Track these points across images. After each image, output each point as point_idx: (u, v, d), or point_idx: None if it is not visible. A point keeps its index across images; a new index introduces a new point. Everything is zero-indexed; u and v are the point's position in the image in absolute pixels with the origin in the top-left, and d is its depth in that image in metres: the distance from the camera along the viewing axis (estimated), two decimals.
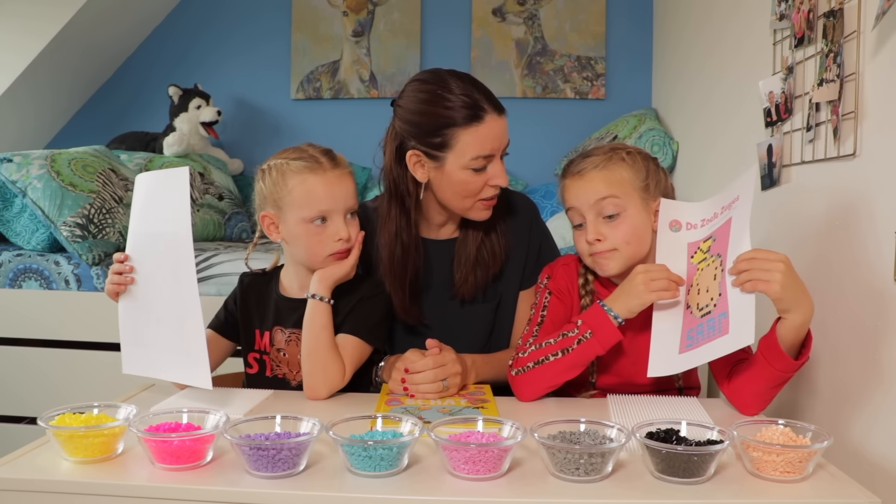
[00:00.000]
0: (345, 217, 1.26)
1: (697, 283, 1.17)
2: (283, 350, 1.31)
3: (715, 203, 1.20)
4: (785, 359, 1.09)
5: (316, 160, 1.24)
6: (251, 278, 1.38)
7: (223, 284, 2.14)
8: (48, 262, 2.25)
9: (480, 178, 1.31)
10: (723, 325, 1.09)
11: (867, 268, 1.28)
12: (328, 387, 1.22)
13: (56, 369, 2.21)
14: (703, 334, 1.11)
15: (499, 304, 1.45)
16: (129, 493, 0.87)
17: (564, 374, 1.22)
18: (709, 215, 1.21)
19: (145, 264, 1.21)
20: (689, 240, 1.21)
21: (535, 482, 0.88)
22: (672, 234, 1.22)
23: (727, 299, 1.10)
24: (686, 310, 1.17)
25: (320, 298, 1.23)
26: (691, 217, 1.22)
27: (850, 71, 1.31)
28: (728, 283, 1.10)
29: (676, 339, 1.15)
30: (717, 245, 1.16)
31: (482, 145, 1.28)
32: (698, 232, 1.21)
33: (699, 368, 1.63)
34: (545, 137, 3.23)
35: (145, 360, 1.21)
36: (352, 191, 1.27)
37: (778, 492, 0.86)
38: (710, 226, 1.19)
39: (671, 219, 1.23)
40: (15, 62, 2.88)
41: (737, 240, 1.11)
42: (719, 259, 1.14)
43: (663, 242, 1.22)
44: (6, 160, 2.27)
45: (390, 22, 3.36)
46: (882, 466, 1.22)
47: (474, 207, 1.34)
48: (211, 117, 3.10)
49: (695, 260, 1.19)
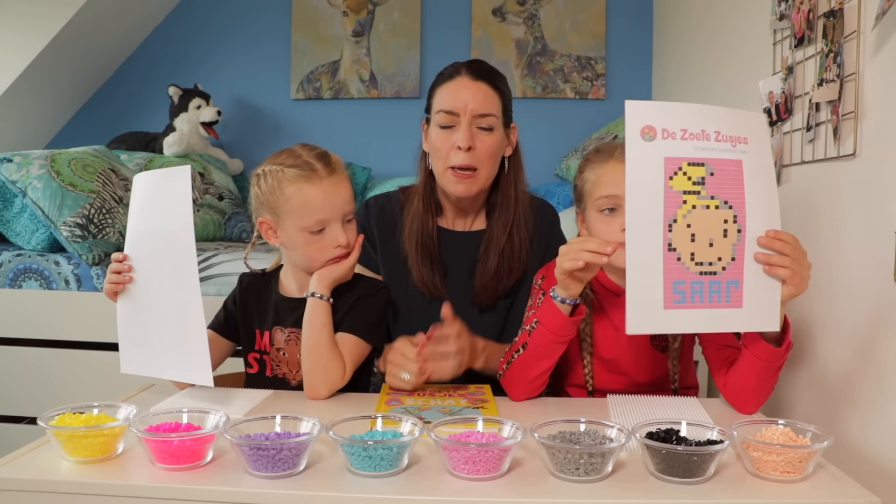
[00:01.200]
0: (343, 223, 1.25)
1: (689, 224, 1.01)
2: (282, 349, 1.31)
3: (704, 117, 1.02)
4: (769, 349, 1.09)
5: (311, 167, 1.23)
6: (251, 279, 1.38)
7: (223, 284, 2.14)
8: (48, 262, 2.24)
9: (447, 139, 1.36)
10: (732, 295, 1.01)
11: (867, 268, 1.28)
12: (328, 386, 1.22)
13: (56, 369, 2.21)
14: (702, 295, 1.00)
15: (512, 303, 1.46)
16: (129, 493, 0.87)
17: (531, 368, 1.21)
18: (694, 129, 1.01)
19: (144, 263, 1.21)
20: (667, 153, 1.00)
21: (535, 482, 0.88)
22: (645, 143, 0.99)
23: (743, 269, 1.00)
24: (670, 252, 1.01)
25: (320, 297, 1.23)
26: (667, 122, 1.00)
27: (850, 71, 1.31)
28: (748, 250, 1.00)
29: (659, 291, 1.00)
30: (719, 186, 1.01)
31: (446, 100, 1.36)
32: (678, 145, 1.00)
33: (699, 368, 1.63)
34: (545, 137, 3.23)
35: (144, 359, 1.21)
36: (348, 196, 1.27)
37: (778, 492, 0.86)
38: (700, 147, 1.01)
39: (643, 124, 1.00)
40: (15, 62, 2.88)
41: (760, 202, 1.00)
42: (731, 212, 1.01)
43: (634, 156, 0.99)
44: (6, 160, 2.27)
45: (390, 22, 3.35)
46: (882, 466, 1.22)
47: (446, 174, 1.37)
48: (211, 117, 3.10)
49: (676, 185, 1.00)
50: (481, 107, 1.35)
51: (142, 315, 1.21)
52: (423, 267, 1.42)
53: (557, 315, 1.16)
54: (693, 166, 1.01)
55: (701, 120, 1.01)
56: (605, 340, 1.29)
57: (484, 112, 1.35)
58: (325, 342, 1.22)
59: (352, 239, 1.27)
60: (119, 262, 1.22)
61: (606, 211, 1.22)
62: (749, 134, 1.02)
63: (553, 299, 1.16)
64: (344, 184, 1.26)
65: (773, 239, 1.01)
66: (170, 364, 1.17)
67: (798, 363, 1.56)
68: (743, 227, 1.01)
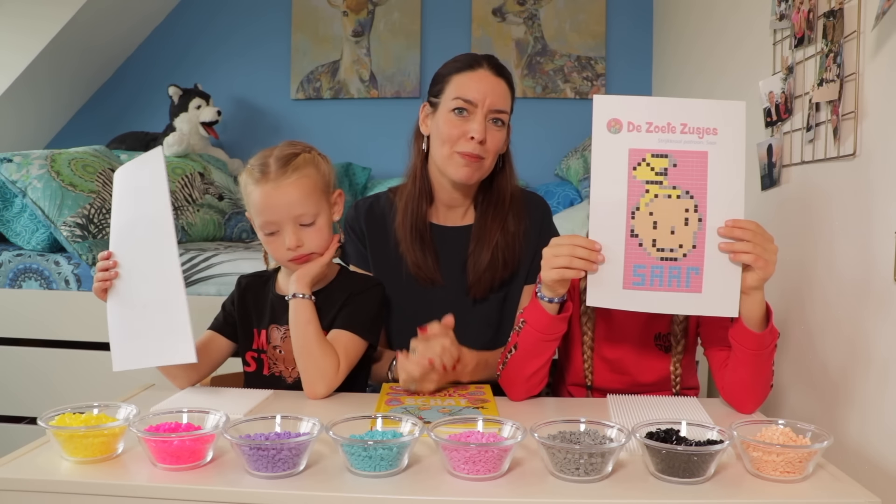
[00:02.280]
0: (295, 225, 1.24)
1: (651, 212, 1.07)
2: (279, 347, 1.32)
3: (670, 110, 1.07)
4: (752, 334, 1.10)
5: (265, 168, 1.24)
6: (248, 280, 1.40)
7: (223, 284, 2.14)
8: (48, 262, 2.24)
9: (460, 125, 1.37)
10: (692, 280, 1.06)
11: (867, 268, 1.28)
12: (324, 382, 1.22)
13: (56, 369, 2.21)
14: (661, 279, 1.06)
15: (505, 297, 1.46)
16: (129, 493, 0.87)
17: (525, 367, 1.21)
18: (660, 122, 1.07)
19: (128, 256, 1.22)
20: (632, 145, 1.07)
21: (535, 482, 0.88)
22: (611, 135, 1.07)
23: (704, 256, 1.05)
24: (632, 238, 1.08)
25: (301, 296, 1.24)
26: (633, 116, 1.07)
27: (850, 71, 1.31)
28: (709, 239, 1.05)
29: (619, 271, 1.07)
30: (681, 176, 1.07)
31: (466, 89, 1.37)
32: (643, 137, 1.07)
33: (699, 368, 1.63)
34: (545, 137, 3.23)
35: (133, 352, 1.21)
36: (298, 199, 1.23)
37: (778, 492, 0.86)
38: (665, 140, 1.07)
39: (609, 117, 1.07)
40: (15, 62, 2.88)
41: (723, 192, 1.05)
42: (692, 202, 1.06)
43: (600, 146, 1.07)
44: (6, 160, 2.27)
45: (390, 22, 3.35)
46: (882, 466, 1.22)
47: (452, 158, 1.38)
48: (211, 117, 3.10)
49: (639, 175, 1.07)
50: (498, 102, 1.38)
51: (128, 308, 1.22)
52: (416, 251, 1.43)
53: (543, 314, 1.17)
54: (656, 157, 1.07)
55: (668, 113, 1.07)
56: (608, 340, 1.29)
57: (500, 108, 1.39)
58: (313, 339, 1.22)
59: (310, 241, 1.26)
60: (104, 259, 1.23)
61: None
62: (720, 124, 1.06)
63: (540, 299, 1.18)
64: (293, 187, 1.23)
65: (732, 228, 1.05)
66: (156, 350, 1.18)
67: (798, 363, 1.56)
68: (704, 217, 1.06)
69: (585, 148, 3.00)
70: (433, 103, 1.43)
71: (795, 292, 1.57)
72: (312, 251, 1.27)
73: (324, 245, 1.28)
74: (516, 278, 1.46)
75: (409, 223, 1.44)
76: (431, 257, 1.44)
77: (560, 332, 1.21)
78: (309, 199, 1.25)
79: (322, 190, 1.28)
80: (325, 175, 1.30)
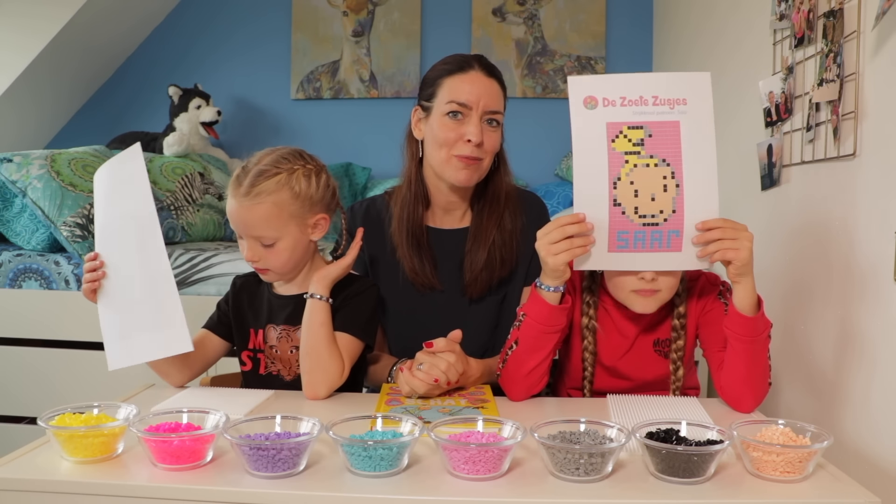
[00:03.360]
0: (254, 242, 1.25)
1: (632, 181, 1.13)
2: (275, 347, 1.32)
3: (641, 84, 1.13)
4: (747, 320, 1.12)
5: (239, 180, 1.24)
6: (243, 280, 1.40)
7: (223, 284, 2.14)
8: (48, 262, 2.24)
9: (456, 128, 1.36)
10: (673, 241, 1.13)
11: (867, 268, 1.28)
12: (327, 384, 1.22)
13: (56, 369, 2.21)
14: (644, 242, 1.13)
15: (504, 298, 1.46)
16: (129, 493, 0.87)
17: (526, 362, 1.22)
18: (632, 95, 1.13)
19: (115, 253, 1.22)
20: (608, 119, 1.13)
21: (535, 482, 0.88)
22: (588, 112, 1.13)
23: (683, 219, 1.13)
24: (615, 207, 1.14)
25: (319, 297, 1.23)
26: (607, 92, 1.13)
27: (850, 71, 1.31)
28: (687, 202, 1.12)
29: (604, 238, 1.14)
30: (657, 145, 1.13)
31: (460, 92, 1.36)
32: (618, 111, 1.13)
33: (699, 369, 1.63)
34: (545, 137, 3.23)
35: (127, 349, 1.21)
36: (256, 222, 1.22)
37: (778, 492, 0.86)
38: (639, 112, 1.13)
39: (585, 95, 1.13)
40: (15, 62, 2.88)
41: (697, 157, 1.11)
42: (669, 169, 1.12)
43: (579, 123, 1.13)
44: (6, 160, 2.27)
45: (390, 22, 3.36)
46: (882, 466, 1.22)
47: (450, 162, 1.38)
48: (211, 117, 3.10)
49: (618, 146, 1.13)
50: (493, 103, 1.38)
51: (119, 305, 1.22)
52: (413, 256, 1.42)
53: (544, 305, 1.19)
54: (632, 129, 1.13)
55: (639, 87, 1.13)
56: (607, 346, 1.29)
57: (494, 109, 1.38)
58: (324, 341, 1.22)
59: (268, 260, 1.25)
60: (91, 260, 1.24)
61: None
62: (688, 95, 1.12)
63: (539, 290, 1.19)
64: (254, 209, 1.21)
65: (704, 233, 1.12)
66: (151, 344, 1.18)
67: (797, 363, 1.56)
68: (681, 182, 1.13)
69: None
70: (425, 107, 1.42)
71: (795, 292, 1.57)
72: (270, 268, 1.27)
73: (281, 265, 1.27)
74: (514, 278, 1.46)
75: (406, 228, 1.43)
76: (429, 263, 1.43)
77: (560, 325, 1.21)
78: (268, 223, 1.23)
79: (290, 214, 1.24)
80: (301, 197, 1.24)
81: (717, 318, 1.22)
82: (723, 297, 1.24)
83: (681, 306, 1.24)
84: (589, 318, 1.27)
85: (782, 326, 1.58)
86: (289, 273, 1.30)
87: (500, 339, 1.46)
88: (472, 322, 1.42)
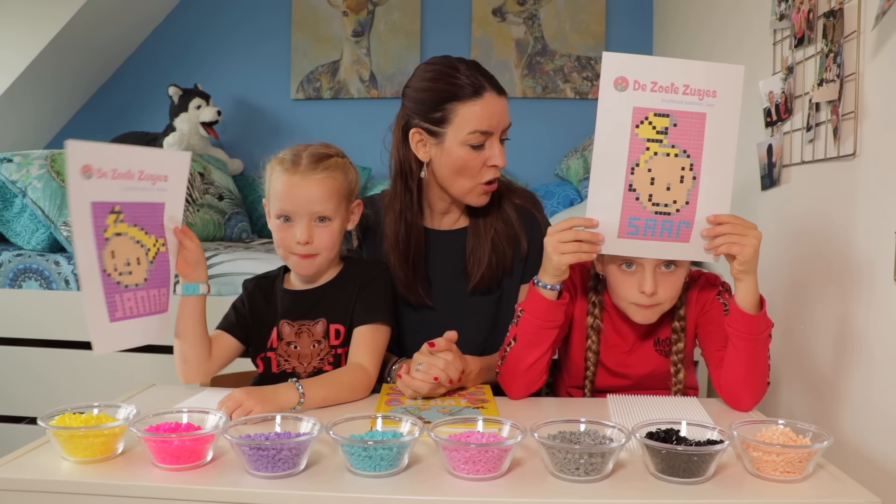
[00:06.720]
0: (309, 221, 1.26)
1: (649, 168, 1.12)
2: (293, 342, 1.31)
3: (674, 70, 1.11)
4: (749, 318, 1.12)
5: (296, 160, 1.26)
6: (255, 282, 1.39)
7: (223, 284, 2.14)
8: (48, 262, 2.24)
9: (479, 156, 1.33)
10: (682, 232, 1.13)
11: (867, 267, 1.28)
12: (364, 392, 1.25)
13: (56, 369, 2.21)
14: (654, 230, 1.13)
15: (501, 296, 1.46)
16: (129, 493, 0.87)
17: (524, 357, 1.22)
18: (664, 82, 1.10)
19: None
20: (636, 103, 1.10)
21: (535, 482, 0.88)
22: (617, 93, 1.10)
23: (695, 212, 1.13)
24: (630, 192, 1.13)
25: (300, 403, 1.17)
26: (640, 75, 1.10)
27: (850, 71, 1.31)
28: (701, 196, 1.12)
29: (615, 222, 1.14)
30: (680, 136, 1.11)
31: (480, 120, 1.31)
32: (647, 96, 1.10)
33: (698, 369, 1.63)
34: (545, 137, 3.23)
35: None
36: (320, 196, 1.25)
37: (778, 492, 0.86)
38: (667, 99, 1.10)
39: (617, 75, 1.10)
40: (15, 61, 2.88)
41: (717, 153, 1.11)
42: (689, 160, 1.12)
43: (606, 102, 1.11)
44: (6, 160, 2.27)
45: (390, 22, 3.35)
46: (882, 466, 1.22)
47: (473, 191, 1.36)
48: (211, 117, 3.10)
49: (641, 133, 1.11)
50: (506, 120, 1.36)
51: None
52: (407, 273, 1.41)
53: (541, 301, 1.19)
54: (658, 117, 1.11)
55: (672, 73, 1.11)
56: (610, 348, 1.29)
57: (507, 125, 1.37)
58: (346, 393, 1.22)
59: (319, 240, 1.26)
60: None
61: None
62: (719, 87, 1.11)
63: (537, 287, 1.20)
64: (319, 184, 1.25)
65: (714, 227, 1.12)
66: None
67: (797, 363, 1.56)
68: (698, 175, 1.12)
69: (586, 148, 3.00)
70: (434, 133, 1.34)
71: (795, 292, 1.57)
72: (319, 252, 1.27)
73: (331, 247, 1.29)
74: (511, 275, 1.46)
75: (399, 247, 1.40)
76: (421, 282, 1.42)
77: (558, 320, 1.22)
78: (330, 199, 1.27)
79: (344, 195, 1.29)
80: (351, 182, 1.31)
81: (716, 318, 1.22)
82: (722, 297, 1.24)
83: (681, 308, 1.25)
84: (594, 318, 1.27)
85: (782, 326, 1.58)
86: (331, 261, 1.32)
87: (499, 337, 1.46)
88: (470, 321, 1.42)
